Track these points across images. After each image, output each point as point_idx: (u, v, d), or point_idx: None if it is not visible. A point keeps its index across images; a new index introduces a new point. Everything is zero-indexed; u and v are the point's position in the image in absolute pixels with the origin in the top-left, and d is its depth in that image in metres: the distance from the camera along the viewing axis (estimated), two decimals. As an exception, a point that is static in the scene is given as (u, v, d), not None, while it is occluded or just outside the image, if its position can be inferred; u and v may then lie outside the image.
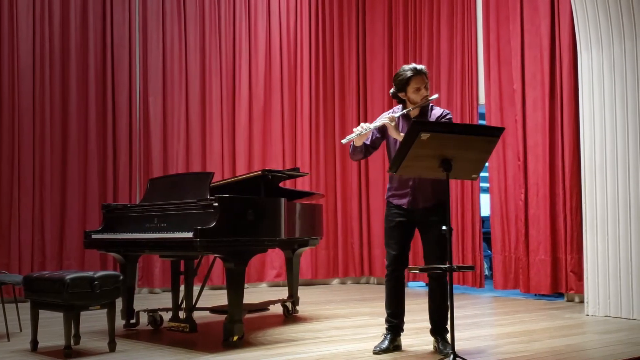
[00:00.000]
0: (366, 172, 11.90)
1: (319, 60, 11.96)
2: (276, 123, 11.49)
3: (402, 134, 5.24)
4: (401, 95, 5.44)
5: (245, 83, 11.28)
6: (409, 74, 5.36)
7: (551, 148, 8.94)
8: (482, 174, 5.67)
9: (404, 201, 5.45)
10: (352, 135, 5.38)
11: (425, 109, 5.48)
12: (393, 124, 5.35)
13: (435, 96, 5.47)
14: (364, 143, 5.53)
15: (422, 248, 5.56)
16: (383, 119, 5.39)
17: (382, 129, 5.52)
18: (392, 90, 5.50)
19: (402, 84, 5.39)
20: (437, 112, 5.47)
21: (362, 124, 5.40)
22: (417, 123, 4.76)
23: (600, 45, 7.49)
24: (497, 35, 9.76)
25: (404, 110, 5.44)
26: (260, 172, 6.29)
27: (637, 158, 7.13)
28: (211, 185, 6.08)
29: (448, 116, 5.45)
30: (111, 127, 10.10)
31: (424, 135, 4.62)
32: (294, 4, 11.82)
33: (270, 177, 6.34)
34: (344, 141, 5.45)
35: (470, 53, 10.26)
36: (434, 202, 5.40)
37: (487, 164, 8.33)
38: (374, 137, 5.56)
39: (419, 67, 5.39)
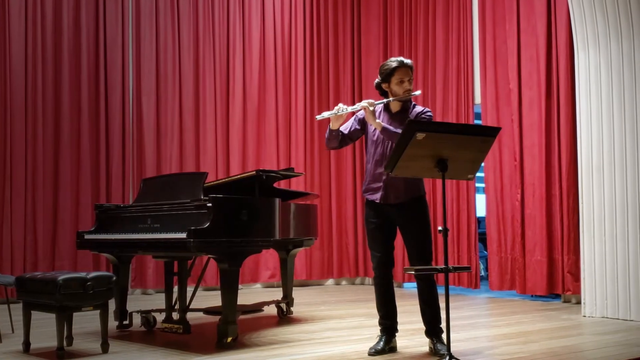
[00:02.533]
0: (361, 171, 11.86)
1: (313, 60, 11.92)
2: (270, 123, 11.45)
3: (378, 121, 5.25)
4: (384, 86, 5.41)
5: (240, 83, 11.24)
6: (394, 64, 5.34)
7: (547, 148, 8.91)
8: (477, 174, 5.63)
9: (376, 196, 5.42)
10: (327, 113, 5.38)
11: (406, 105, 5.43)
12: (372, 108, 5.29)
13: (417, 92, 5.41)
14: (342, 132, 5.49)
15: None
16: (363, 102, 5.35)
17: (362, 122, 5.50)
18: (376, 80, 5.47)
19: (386, 74, 5.36)
20: (418, 109, 5.42)
21: (339, 105, 5.38)
22: (412, 123, 4.73)
23: (598, 45, 7.46)
24: (493, 35, 9.73)
25: (385, 100, 5.40)
26: (254, 172, 6.24)
27: (635, 158, 7.10)
28: (205, 185, 6.05)
29: (428, 114, 5.39)
30: (104, 126, 10.06)
31: (420, 135, 4.60)
32: (288, 3, 11.79)
33: (264, 177, 6.29)
34: (317, 117, 5.49)
35: (466, 52, 10.23)
36: (406, 198, 5.37)
37: (482, 164, 8.33)
38: (352, 128, 5.54)
39: (405, 60, 5.37)
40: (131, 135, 10.29)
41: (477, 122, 10.40)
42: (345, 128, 5.52)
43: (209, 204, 5.55)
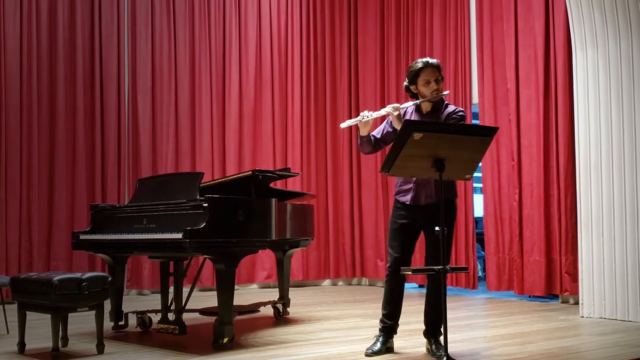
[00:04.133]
0: (358, 172, 11.85)
1: (310, 59, 11.90)
2: (267, 123, 11.42)
3: None
4: (412, 88, 5.36)
5: (236, 82, 11.21)
6: (419, 65, 5.28)
7: (545, 148, 8.89)
8: (475, 174, 5.60)
9: (407, 197, 5.38)
10: (352, 120, 5.37)
11: (439, 106, 5.38)
12: (396, 113, 5.27)
13: (446, 92, 5.38)
14: (374, 136, 5.46)
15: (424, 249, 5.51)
16: (387, 107, 5.32)
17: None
18: (405, 82, 5.43)
19: (412, 75, 5.31)
20: (450, 109, 5.36)
21: (364, 112, 5.35)
22: (409, 122, 4.71)
23: (596, 45, 7.44)
24: (490, 35, 9.70)
25: (411, 103, 5.35)
26: (250, 172, 6.22)
27: (633, 158, 7.08)
28: (201, 185, 6.03)
29: (460, 114, 5.33)
30: (99, 126, 10.03)
31: (417, 135, 4.57)
32: (284, 2, 11.76)
33: (260, 177, 6.26)
34: (342, 125, 5.48)
35: (464, 52, 10.20)
36: (437, 199, 5.29)
37: (480, 164, 8.30)
38: (385, 131, 5.50)
39: (431, 60, 5.31)
40: (127, 135, 10.26)
41: (474, 122, 10.39)
42: (378, 132, 5.51)
43: (205, 204, 5.52)
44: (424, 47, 10.86)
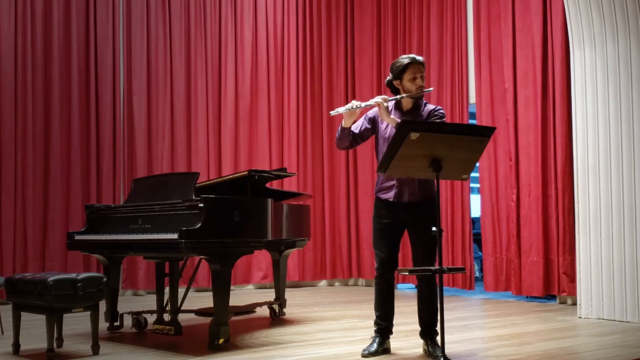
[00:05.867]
0: (355, 172, 11.83)
1: (306, 59, 11.87)
2: (263, 122, 11.39)
3: (392, 117, 5.18)
4: (396, 83, 5.36)
5: (232, 82, 11.18)
6: (406, 61, 5.30)
7: (543, 148, 8.86)
8: (472, 174, 5.58)
9: (390, 194, 5.36)
10: (341, 108, 5.34)
11: (418, 103, 5.39)
12: (386, 104, 5.24)
13: (430, 89, 5.39)
14: (353, 132, 5.43)
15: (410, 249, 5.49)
16: (377, 98, 5.29)
17: (373, 121, 5.44)
18: (388, 78, 5.42)
19: (398, 71, 5.31)
20: (430, 107, 5.39)
21: (353, 101, 5.33)
22: (406, 122, 4.69)
23: (593, 44, 7.42)
24: (488, 34, 9.68)
25: (398, 97, 5.34)
26: (246, 172, 6.20)
27: (631, 158, 7.06)
28: (197, 185, 6.01)
29: (440, 112, 5.35)
30: (94, 126, 9.99)
31: (414, 135, 4.56)
32: (280, 1, 11.72)
33: (256, 177, 6.24)
34: (332, 113, 5.45)
35: (461, 51, 10.18)
36: (420, 197, 5.31)
37: (477, 164, 8.28)
38: (363, 128, 5.48)
39: (417, 57, 5.34)
40: (122, 135, 10.22)
41: (471, 121, 10.37)
42: (355, 127, 5.47)
43: (201, 205, 5.50)
44: (421, 46, 10.84)
